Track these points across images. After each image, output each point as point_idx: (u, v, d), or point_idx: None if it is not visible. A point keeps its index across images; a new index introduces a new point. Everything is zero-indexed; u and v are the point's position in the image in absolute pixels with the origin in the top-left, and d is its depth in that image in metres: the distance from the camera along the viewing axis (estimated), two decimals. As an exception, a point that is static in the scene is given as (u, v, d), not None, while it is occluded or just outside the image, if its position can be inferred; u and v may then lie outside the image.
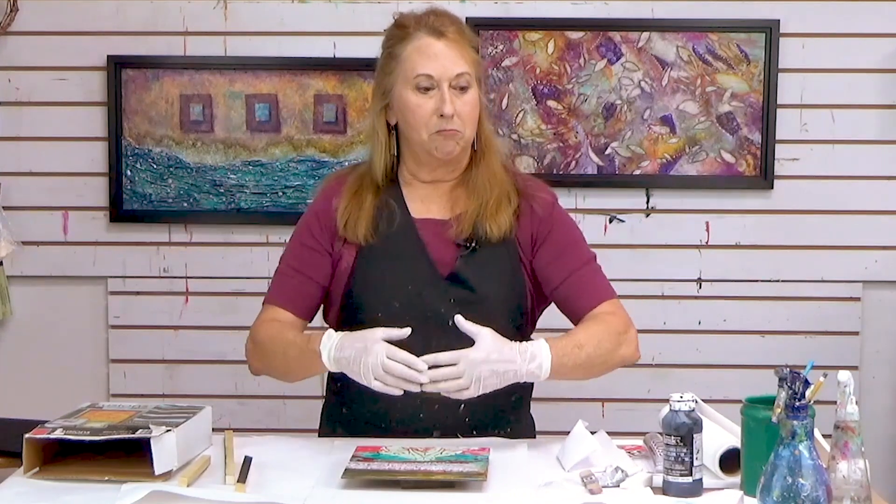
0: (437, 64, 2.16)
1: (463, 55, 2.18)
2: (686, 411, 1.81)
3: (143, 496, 1.76)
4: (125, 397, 3.38)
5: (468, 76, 2.18)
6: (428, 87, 2.17)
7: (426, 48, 2.17)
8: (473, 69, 2.20)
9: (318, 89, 3.37)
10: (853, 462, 1.67)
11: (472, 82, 2.19)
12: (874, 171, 3.38)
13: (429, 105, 2.17)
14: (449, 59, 2.17)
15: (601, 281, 2.27)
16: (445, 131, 2.17)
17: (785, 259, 3.40)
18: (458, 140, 2.18)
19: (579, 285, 2.23)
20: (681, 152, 3.37)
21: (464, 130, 2.18)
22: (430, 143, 2.18)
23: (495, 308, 2.19)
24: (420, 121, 2.18)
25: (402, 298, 2.19)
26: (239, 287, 3.42)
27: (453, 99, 2.16)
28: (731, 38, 3.33)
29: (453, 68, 2.16)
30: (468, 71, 2.18)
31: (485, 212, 2.20)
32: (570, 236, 2.28)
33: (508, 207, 2.23)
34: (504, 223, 2.21)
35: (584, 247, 2.29)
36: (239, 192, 3.40)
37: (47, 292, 3.46)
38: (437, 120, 2.16)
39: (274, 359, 2.21)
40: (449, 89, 2.16)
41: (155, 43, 3.38)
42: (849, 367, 2.55)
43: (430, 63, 2.17)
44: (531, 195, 2.27)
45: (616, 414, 3.36)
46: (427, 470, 1.89)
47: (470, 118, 2.19)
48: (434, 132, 2.17)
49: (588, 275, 2.26)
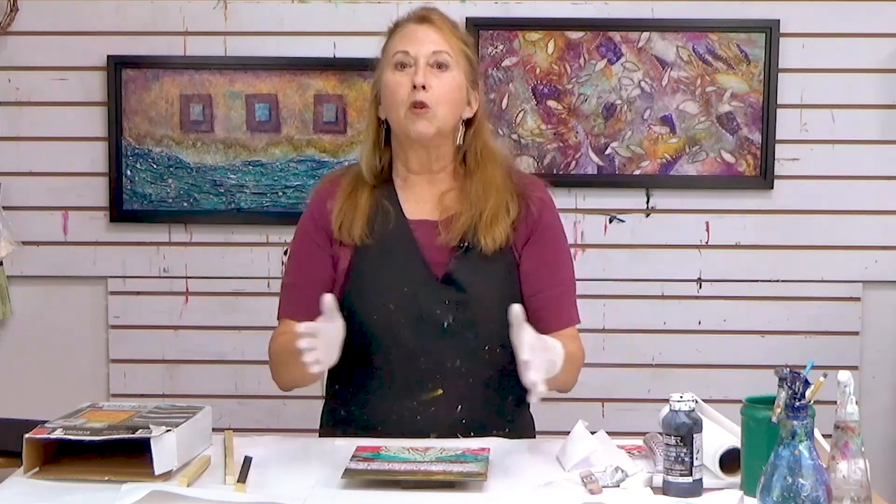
0: (416, 42, 2.18)
1: (446, 38, 2.19)
2: (686, 411, 1.81)
3: (143, 496, 1.76)
4: (125, 397, 3.38)
5: (447, 56, 2.18)
6: (405, 63, 2.17)
7: (409, 32, 2.20)
8: (456, 53, 2.19)
9: (318, 89, 3.37)
10: (853, 462, 1.67)
11: (453, 65, 2.18)
12: (874, 171, 3.38)
13: (404, 81, 2.16)
14: (428, 39, 2.18)
15: (573, 305, 2.27)
16: (416, 105, 2.14)
17: (785, 259, 3.40)
18: (430, 119, 2.16)
19: (553, 304, 2.22)
20: (681, 152, 3.37)
21: (436, 108, 2.16)
22: (405, 121, 2.16)
23: (489, 309, 2.18)
24: (395, 96, 2.17)
25: (397, 300, 2.18)
26: (239, 287, 3.42)
27: (428, 75, 2.16)
28: (731, 38, 3.33)
29: (431, 46, 2.17)
30: (447, 50, 2.18)
31: (479, 222, 2.18)
32: (559, 252, 2.26)
33: (506, 218, 2.20)
34: (499, 236, 2.18)
35: (568, 264, 2.28)
36: (239, 192, 3.40)
37: (47, 292, 3.46)
38: (409, 92, 2.15)
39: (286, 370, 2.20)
40: (427, 67, 2.16)
41: (155, 43, 3.38)
42: (849, 367, 2.55)
43: (409, 42, 2.19)
44: (528, 195, 2.25)
45: (616, 414, 3.36)
46: (427, 470, 1.89)
47: (446, 98, 2.17)
48: (407, 108, 2.15)
49: (564, 296, 2.25)
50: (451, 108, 2.19)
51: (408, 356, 2.17)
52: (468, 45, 2.25)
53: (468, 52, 2.23)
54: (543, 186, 2.30)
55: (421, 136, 2.17)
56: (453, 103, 2.19)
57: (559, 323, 2.21)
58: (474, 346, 2.19)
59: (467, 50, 2.23)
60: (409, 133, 2.18)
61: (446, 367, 2.17)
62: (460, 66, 2.20)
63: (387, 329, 2.18)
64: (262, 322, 2.98)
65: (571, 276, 2.28)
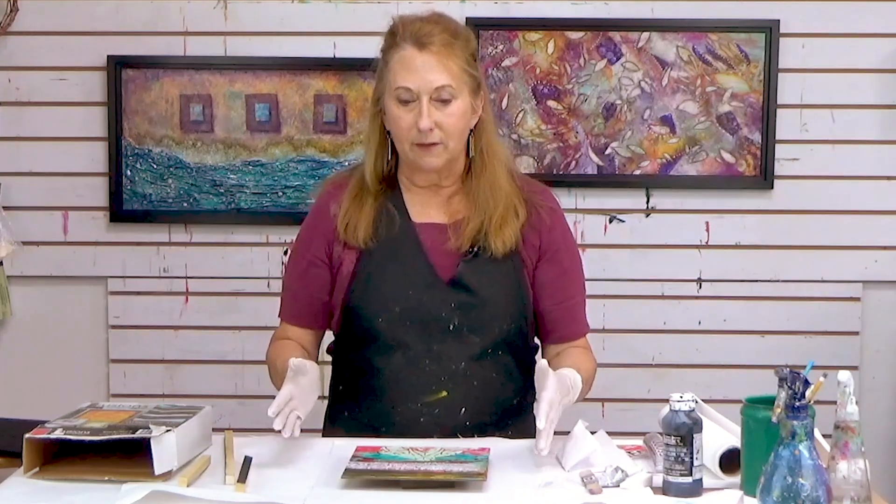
0: (417, 77, 2.12)
1: (447, 67, 2.12)
2: (686, 411, 1.81)
3: (143, 496, 1.76)
4: (125, 397, 3.38)
5: (450, 89, 2.12)
6: (408, 99, 2.13)
7: (408, 61, 2.13)
8: (458, 81, 2.13)
9: (318, 89, 3.37)
10: (853, 462, 1.67)
11: (457, 94, 2.13)
12: (874, 171, 3.38)
13: (408, 118, 2.13)
14: (429, 72, 2.12)
15: (585, 315, 2.32)
16: (423, 145, 2.14)
17: (785, 259, 3.40)
18: (439, 153, 2.15)
19: (569, 315, 2.27)
20: (681, 152, 3.37)
21: (446, 142, 2.15)
22: (412, 154, 2.16)
23: (497, 313, 2.19)
24: (401, 133, 2.15)
25: (403, 303, 2.18)
26: (239, 287, 3.42)
27: (433, 111, 2.12)
28: (731, 38, 3.33)
29: (433, 81, 2.11)
30: (450, 83, 2.12)
31: (489, 227, 2.18)
32: (574, 262, 2.29)
33: (515, 221, 2.20)
34: (509, 239, 2.19)
35: (581, 273, 2.31)
36: (239, 192, 3.40)
37: (47, 292, 3.46)
38: (415, 133, 2.13)
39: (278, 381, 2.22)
40: (430, 102, 2.12)
41: (155, 43, 3.38)
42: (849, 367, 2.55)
43: (409, 76, 2.12)
44: (538, 203, 2.25)
45: (616, 414, 3.36)
46: (427, 470, 1.89)
47: (454, 129, 2.15)
48: (414, 144, 2.14)
49: (578, 306, 2.30)
50: (459, 137, 2.18)
51: (412, 358, 2.17)
52: (468, 55, 2.18)
53: (469, 67, 2.17)
54: (551, 194, 2.31)
55: (430, 168, 2.18)
56: (461, 132, 2.18)
57: (574, 334, 2.28)
58: (480, 349, 2.19)
59: (468, 66, 2.16)
60: (419, 166, 2.18)
61: (451, 369, 2.17)
62: (464, 90, 2.15)
63: (392, 331, 2.18)
64: (262, 322, 2.99)
65: (584, 283, 2.33)
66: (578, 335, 2.29)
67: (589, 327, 2.33)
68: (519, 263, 2.22)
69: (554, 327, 2.27)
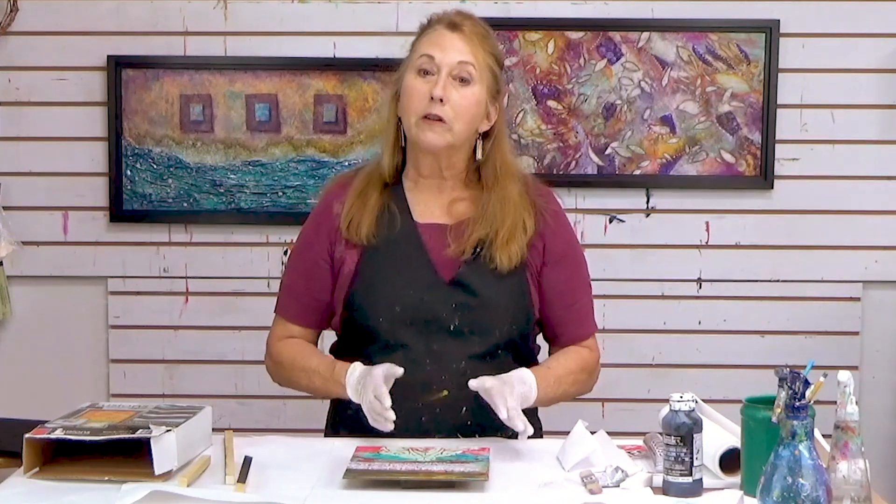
0: (442, 49, 2.16)
1: (473, 51, 2.17)
2: (686, 411, 1.81)
3: (143, 496, 1.76)
4: (125, 397, 3.38)
5: (472, 68, 2.16)
6: (428, 69, 2.16)
7: (438, 37, 2.18)
8: (481, 68, 2.17)
9: (318, 89, 3.37)
10: (853, 462, 1.67)
11: (476, 79, 2.17)
12: (874, 171, 3.38)
13: (423, 88, 2.15)
14: (455, 48, 2.16)
15: (592, 315, 2.34)
16: (430, 116, 2.14)
17: (785, 259, 3.40)
18: (443, 132, 2.15)
19: (576, 317, 2.30)
20: (681, 152, 3.37)
21: (452, 123, 2.15)
22: (416, 129, 2.16)
23: (499, 314, 2.20)
24: (411, 104, 2.16)
25: (404, 303, 2.18)
26: (239, 287, 3.42)
27: (449, 87, 2.14)
28: (731, 38, 3.33)
29: (457, 56, 2.16)
30: (473, 63, 2.16)
31: (495, 240, 2.19)
32: (579, 264, 2.31)
33: (523, 236, 2.21)
34: (515, 255, 2.19)
35: (586, 274, 2.34)
36: (239, 192, 3.40)
37: (47, 292, 3.46)
38: (426, 104, 2.14)
39: (298, 382, 2.27)
40: (449, 78, 2.15)
41: (155, 43, 3.38)
42: (849, 367, 2.55)
43: (435, 48, 2.17)
44: (542, 207, 2.26)
45: (616, 414, 3.36)
46: (428, 470, 1.89)
47: (465, 112, 2.16)
48: (421, 117, 2.15)
49: (585, 308, 2.32)
50: (467, 123, 2.18)
51: (414, 358, 2.17)
52: (496, 56, 2.23)
53: (493, 66, 2.21)
54: (554, 197, 2.32)
55: (430, 146, 2.18)
56: (470, 118, 2.18)
57: (581, 336, 2.30)
58: (480, 349, 2.19)
59: (493, 64, 2.21)
60: (418, 141, 2.18)
61: (452, 368, 2.17)
62: (483, 81, 2.18)
63: (392, 331, 2.18)
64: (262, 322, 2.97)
65: (590, 282, 2.34)
66: (585, 337, 2.31)
67: (596, 326, 2.34)
68: (523, 272, 2.22)
69: (562, 331, 2.29)
